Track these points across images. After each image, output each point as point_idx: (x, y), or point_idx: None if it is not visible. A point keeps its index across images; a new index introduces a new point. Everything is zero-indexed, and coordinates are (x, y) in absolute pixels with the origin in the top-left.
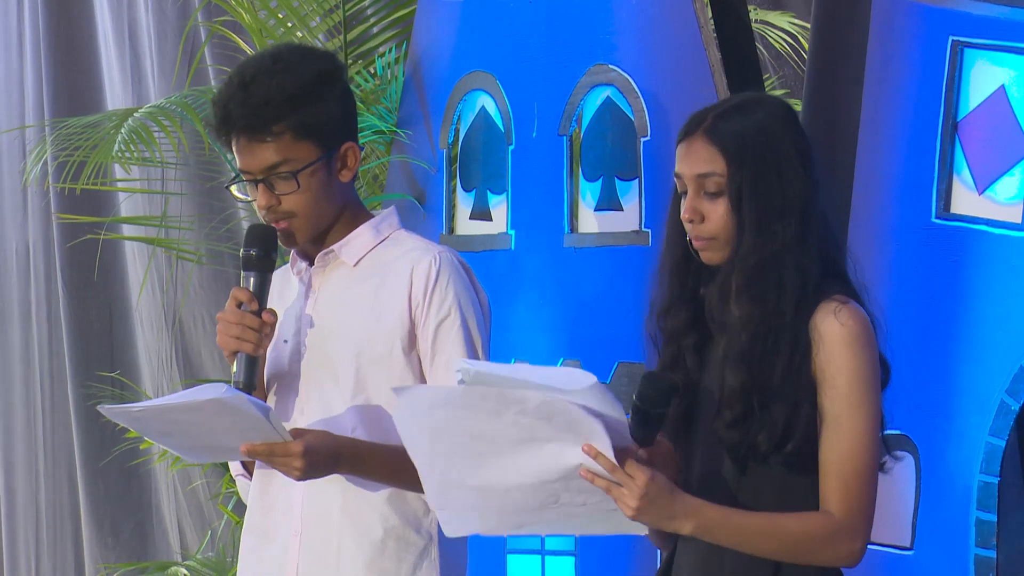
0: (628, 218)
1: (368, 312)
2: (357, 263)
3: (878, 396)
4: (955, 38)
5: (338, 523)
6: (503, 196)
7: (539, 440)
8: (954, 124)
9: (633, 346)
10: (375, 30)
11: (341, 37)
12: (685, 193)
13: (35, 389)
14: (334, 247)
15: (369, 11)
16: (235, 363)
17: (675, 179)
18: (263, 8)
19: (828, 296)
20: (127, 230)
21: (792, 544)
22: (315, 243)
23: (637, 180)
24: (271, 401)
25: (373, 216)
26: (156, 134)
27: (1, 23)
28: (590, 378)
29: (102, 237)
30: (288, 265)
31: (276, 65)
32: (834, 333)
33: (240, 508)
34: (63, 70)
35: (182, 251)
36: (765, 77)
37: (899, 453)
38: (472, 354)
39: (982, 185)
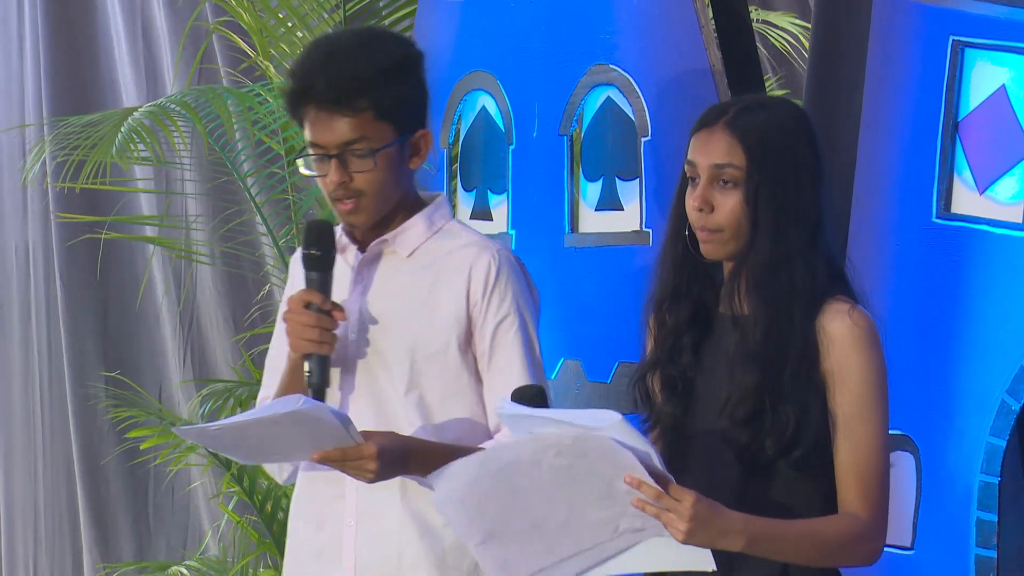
0: (629, 218)
1: (423, 307)
2: (411, 254)
3: (887, 396)
4: (956, 38)
5: (399, 516)
6: (503, 196)
7: (582, 476)
8: (955, 124)
9: (633, 346)
10: None
11: None
12: (694, 182)
13: (34, 389)
14: (388, 236)
15: (369, 11)
16: (307, 364)
17: (686, 167)
18: (263, 8)
19: (832, 297)
20: (140, 230)
21: (828, 549)
22: (370, 229)
23: (638, 180)
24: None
25: (426, 204)
26: (158, 134)
27: (1, 23)
28: (615, 415)
29: (103, 236)
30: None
31: (362, 42)
32: (845, 334)
33: (240, 508)
34: (64, 69)
35: (182, 251)
36: (765, 77)
37: (898, 452)
38: (529, 355)
39: (983, 185)
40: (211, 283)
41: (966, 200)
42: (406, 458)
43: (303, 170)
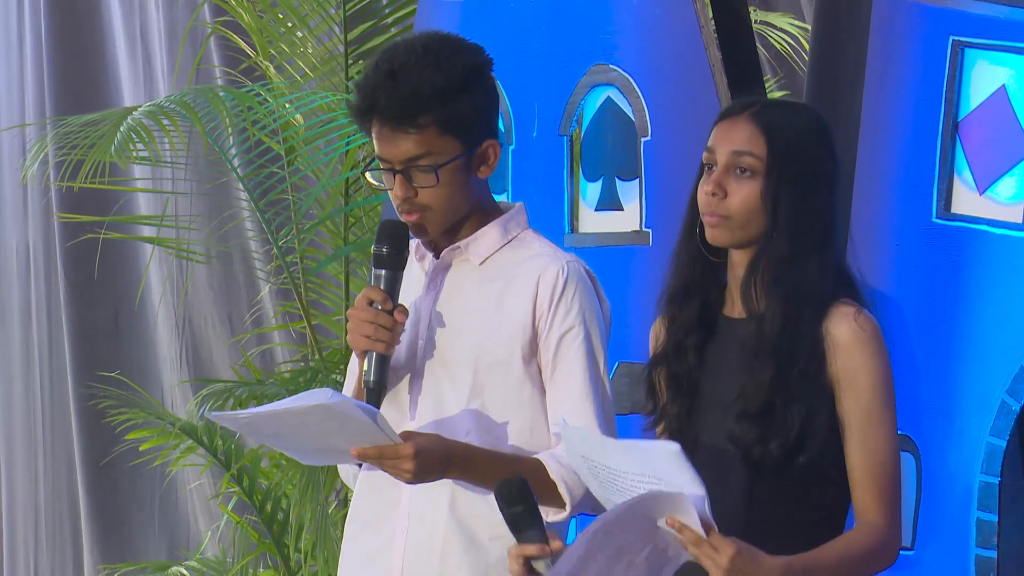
0: (629, 218)
1: (490, 315)
2: (483, 262)
3: (895, 400)
4: (956, 38)
5: (444, 525)
6: (503, 196)
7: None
8: (955, 124)
9: (633, 346)
10: (375, 30)
11: (341, 37)
12: (709, 168)
13: (35, 389)
14: (461, 244)
15: (369, 11)
16: (366, 362)
17: (705, 154)
18: (263, 8)
19: (838, 301)
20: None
21: (859, 566)
22: (445, 236)
23: (638, 180)
24: (392, 387)
25: (503, 213)
26: (157, 133)
27: (1, 23)
28: (674, 446)
29: (102, 236)
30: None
31: (427, 56)
32: (852, 338)
33: (240, 508)
34: (66, 69)
35: (181, 250)
36: (765, 77)
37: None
38: (593, 368)
39: (983, 185)
40: (210, 283)
41: (966, 200)
42: (447, 461)
43: (372, 181)
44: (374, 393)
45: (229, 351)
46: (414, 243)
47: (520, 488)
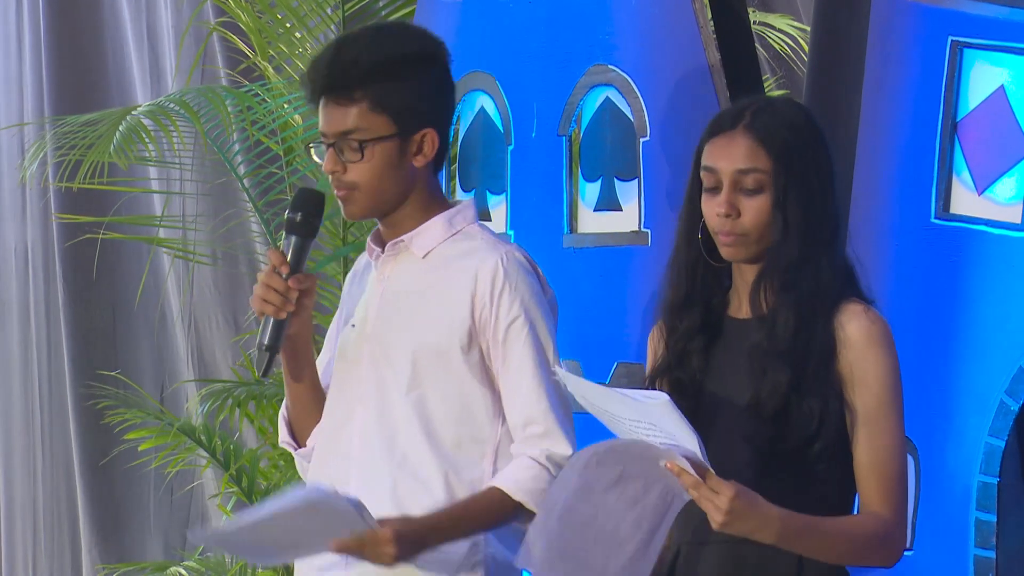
0: (628, 218)
1: (430, 307)
2: (426, 255)
3: (902, 397)
4: (954, 38)
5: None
6: (502, 196)
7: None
8: (953, 124)
9: (632, 346)
10: None
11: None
12: (713, 190)
13: (34, 389)
14: (404, 237)
15: (368, 11)
16: (262, 324)
17: (703, 174)
18: (262, 9)
19: (847, 299)
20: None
21: (856, 548)
22: (391, 230)
23: (637, 180)
24: (334, 382)
25: (451, 207)
26: (157, 134)
27: (1, 23)
28: (663, 396)
29: (101, 236)
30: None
31: (375, 35)
32: (863, 334)
33: (240, 508)
34: (64, 69)
35: (180, 251)
36: (765, 78)
37: None
38: (541, 357)
39: (982, 185)
40: (210, 283)
41: (965, 200)
42: (424, 538)
43: (314, 157)
44: (265, 355)
45: (231, 351)
46: (368, 240)
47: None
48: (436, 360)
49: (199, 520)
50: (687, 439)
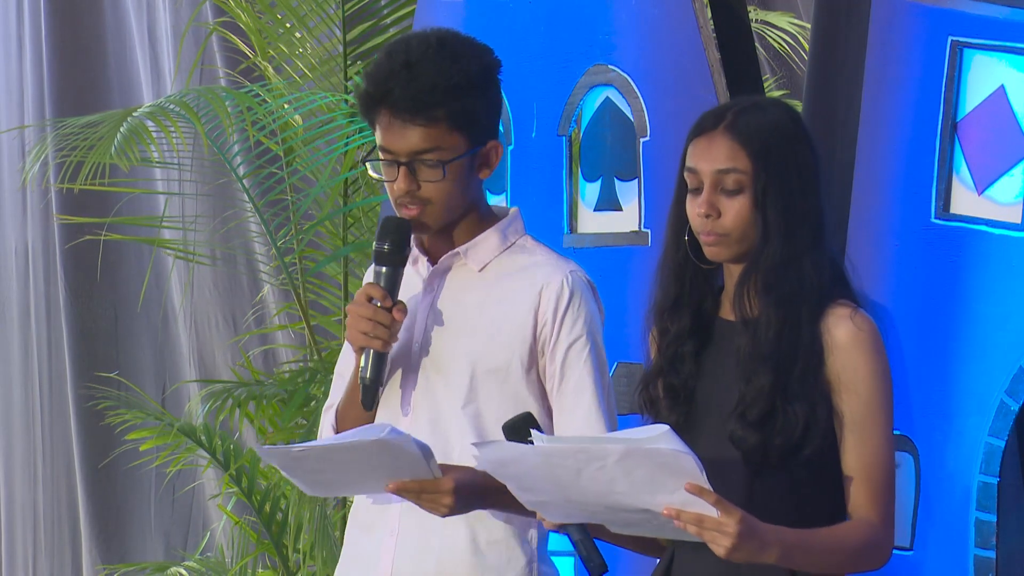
0: (627, 218)
1: (490, 322)
2: (483, 268)
3: (892, 400)
4: (954, 38)
5: (439, 527)
6: (502, 196)
7: (618, 493)
8: (953, 124)
9: (633, 346)
10: (374, 30)
11: (340, 37)
12: (696, 190)
13: (34, 390)
14: (460, 249)
15: (368, 11)
16: (363, 358)
17: (686, 175)
18: (262, 9)
19: (834, 300)
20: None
21: (849, 557)
22: (439, 240)
23: (636, 180)
24: (387, 390)
25: (498, 217)
26: (158, 135)
27: (1, 23)
28: (663, 427)
29: (102, 237)
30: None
31: (443, 51)
32: (851, 338)
33: (239, 509)
34: (65, 70)
35: (181, 251)
36: (765, 77)
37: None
38: (599, 379)
39: (982, 185)
40: (210, 284)
41: (965, 200)
42: (483, 494)
43: (372, 173)
44: (370, 390)
45: (231, 351)
46: (412, 253)
47: (525, 423)
48: (494, 375)
49: (199, 520)
50: (688, 462)
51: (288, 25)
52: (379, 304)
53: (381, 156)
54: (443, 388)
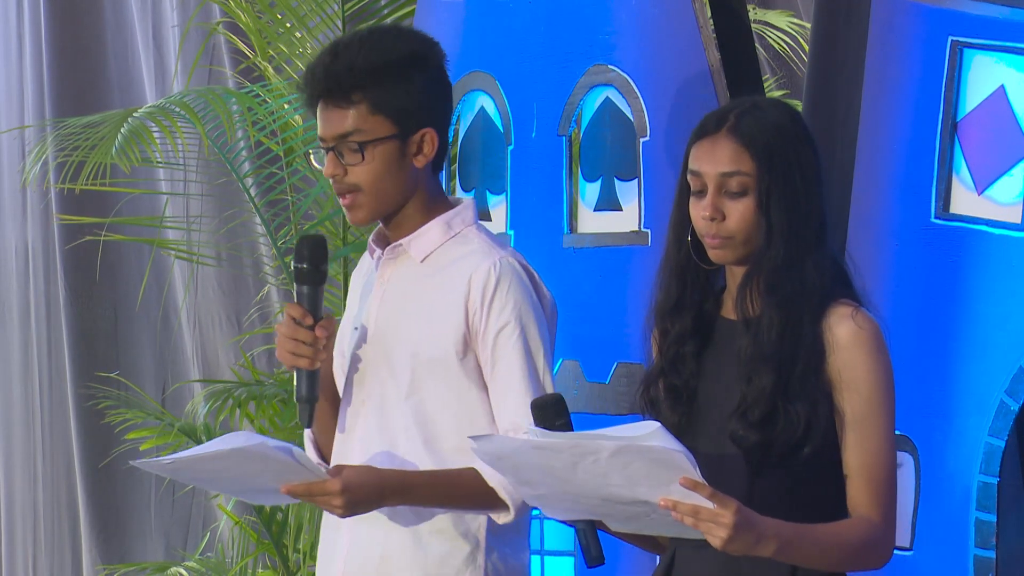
0: (627, 218)
1: (427, 312)
2: (424, 259)
3: (894, 399)
4: (954, 38)
5: (386, 520)
6: (502, 196)
7: (614, 486)
8: (953, 124)
9: (632, 346)
10: None
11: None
12: (699, 192)
13: (34, 389)
14: (403, 241)
15: (368, 11)
16: (295, 377)
17: (689, 177)
18: (262, 9)
19: (836, 300)
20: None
21: (849, 554)
22: (392, 232)
23: (636, 180)
24: (341, 386)
25: (451, 209)
26: (159, 135)
27: (1, 23)
28: (654, 424)
29: (103, 238)
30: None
31: (370, 37)
32: (851, 338)
33: (239, 509)
34: (64, 70)
35: (181, 252)
36: (765, 77)
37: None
38: (530, 363)
39: (981, 185)
40: (211, 284)
41: (965, 200)
42: (380, 493)
43: (314, 163)
44: (306, 407)
45: (232, 351)
46: (370, 239)
47: (556, 406)
48: (434, 366)
49: (199, 520)
50: (681, 458)
51: (288, 25)
52: (301, 324)
53: (320, 145)
54: (389, 380)
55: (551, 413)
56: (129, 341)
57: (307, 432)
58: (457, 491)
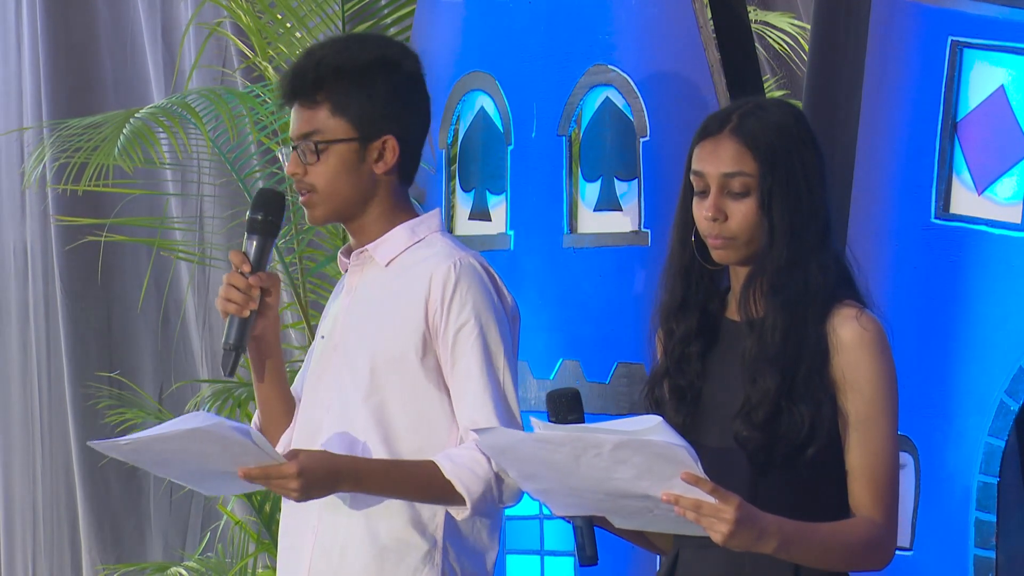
0: (627, 218)
1: (387, 314)
2: (389, 263)
3: (897, 400)
4: (954, 38)
5: (346, 522)
6: (502, 196)
7: (617, 479)
8: (953, 124)
9: (632, 346)
10: (374, 31)
11: None
12: (702, 193)
13: (33, 390)
14: (368, 246)
15: (368, 11)
16: (227, 324)
17: (692, 178)
18: (261, 9)
19: (840, 301)
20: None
21: (851, 553)
22: (354, 236)
23: (636, 180)
24: (305, 393)
25: (417, 216)
26: (160, 136)
27: (0, 23)
28: (656, 418)
29: (103, 239)
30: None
31: (343, 41)
32: (855, 339)
33: (239, 509)
34: (64, 71)
35: (181, 251)
36: (765, 77)
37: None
38: (489, 363)
39: (981, 185)
40: (211, 284)
41: (965, 200)
42: (335, 477)
43: (282, 161)
44: (230, 354)
45: None
46: (339, 253)
47: (571, 401)
48: (393, 367)
49: (199, 520)
50: (682, 454)
51: (288, 25)
52: (239, 270)
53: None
54: (350, 382)
55: (564, 407)
56: (127, 342)
57: (254, 421)
58: (413, 480)
